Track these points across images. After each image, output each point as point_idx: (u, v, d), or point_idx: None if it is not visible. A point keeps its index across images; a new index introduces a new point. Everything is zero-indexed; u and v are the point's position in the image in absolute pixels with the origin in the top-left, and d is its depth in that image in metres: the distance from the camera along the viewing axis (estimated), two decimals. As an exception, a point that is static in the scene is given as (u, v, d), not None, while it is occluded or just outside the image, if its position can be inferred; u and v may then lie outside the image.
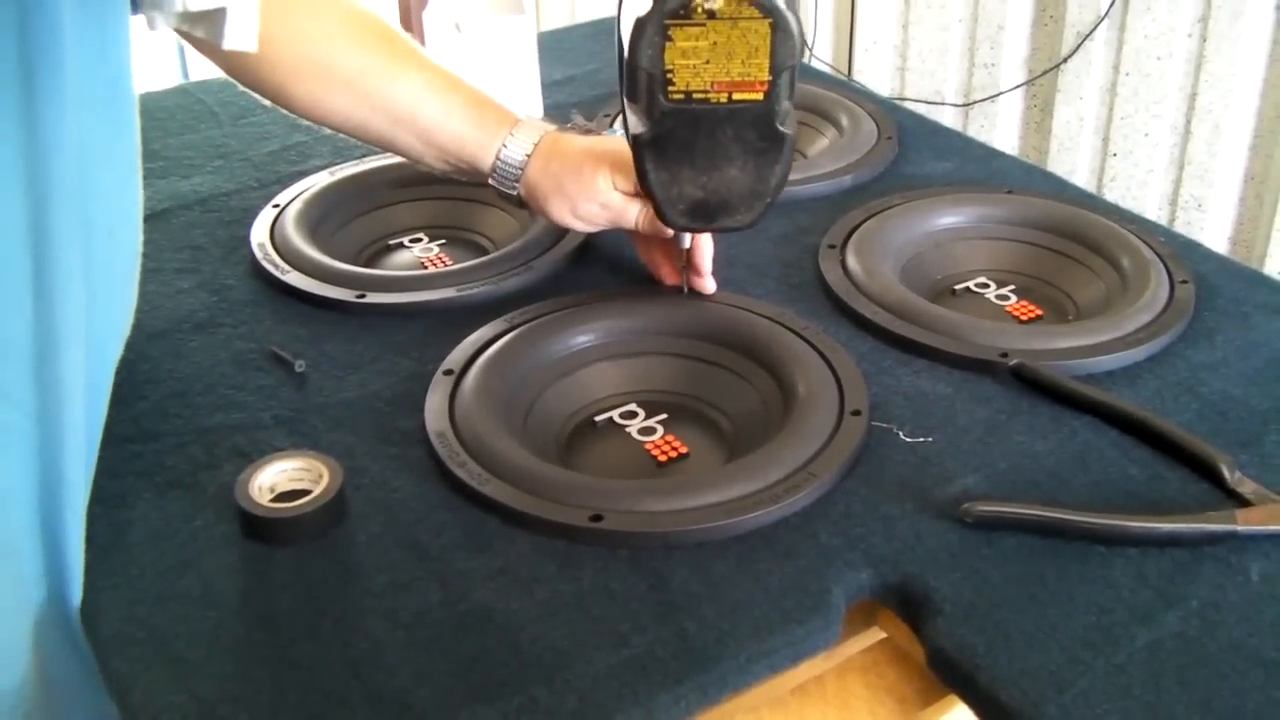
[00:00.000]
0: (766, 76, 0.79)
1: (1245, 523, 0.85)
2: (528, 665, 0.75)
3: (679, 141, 0.82)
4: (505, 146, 1.06)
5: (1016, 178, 1.35)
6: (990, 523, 0.85)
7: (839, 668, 0.85)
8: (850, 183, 1.33)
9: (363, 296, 1.10)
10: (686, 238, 1.05)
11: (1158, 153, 2.10)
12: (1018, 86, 2.23)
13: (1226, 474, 0.90)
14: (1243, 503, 0.88)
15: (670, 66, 0.77)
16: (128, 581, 0.82)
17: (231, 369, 1.03)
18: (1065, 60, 2.14)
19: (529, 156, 1.06)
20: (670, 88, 0.78)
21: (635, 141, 0.84)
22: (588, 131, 1.36)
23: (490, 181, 1.08)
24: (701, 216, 0.88)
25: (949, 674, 0.77)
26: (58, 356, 0.74)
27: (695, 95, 0.79)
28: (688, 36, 0.75)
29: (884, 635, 0.86)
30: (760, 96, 0.80)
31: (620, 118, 1.27)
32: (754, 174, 0.84)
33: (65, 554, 0.79)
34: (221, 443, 0.95)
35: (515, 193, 1.08)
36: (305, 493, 0.86)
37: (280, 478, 0.88)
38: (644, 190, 0.88)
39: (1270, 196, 2.00)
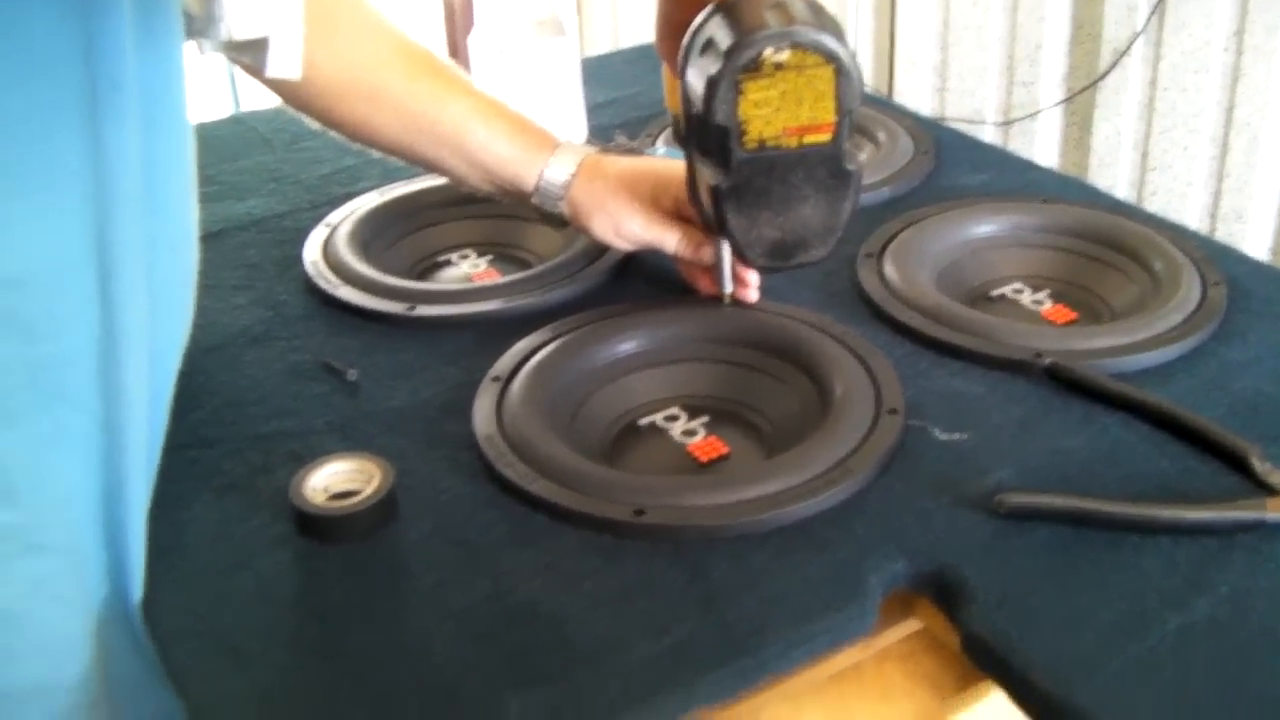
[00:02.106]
0: (833, 118, 0.82)
1: (1275, 510, 0.86)
2: (573, 654, 0.77)
3: (755, 188, 0.85)
4: (549, 166, 1.10)
5: (1051, 188, 1.37)
6: (1023, 513, 0.87)
7: (877, 656, 0.87)
8: (888, 194, 1.35)
9: (413, 309, 1.13)
10: (727, 262, 1.08)
11: (1196, 166, 2.11)
12: (1057, 104, 2.25)
13: (1256, 465, 0.91)
14: (1273, 493, 0.89)
15: (744, 118, 0.80)
16: (186, 579, 0.85)
17: (286, 379, 1.07)
18: (1103, 77, 2.16)
19: (573, 176, 1.09)
20: (745, 138, 0.81)
21: (714, 192, 0.87)
22: (629, 150, 1.39)
23: (533, 200, 1.11)
24: (779, 255, 0.90)
25: (983, 659, 0.79)
26: (121, 364, 0.77)
27: (768, 143, 0.82)
28: (759, 88, 0.78)
29: (920, 625, 0.88)
30: (828, 138, 0.83)
31: (660, 155, 1.30)
32: (826, 210, 0.87)
33: (126, 553, 0.82)
34: (277, 448, 0.98)
35: (559, 211, 1.11)
36: (357, 493, 0.89)
37: (333, 479, 0.91)
38: (724, 236, 0.91)
39: (1311, 209, 2.02)
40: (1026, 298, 1.20)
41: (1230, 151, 2.06)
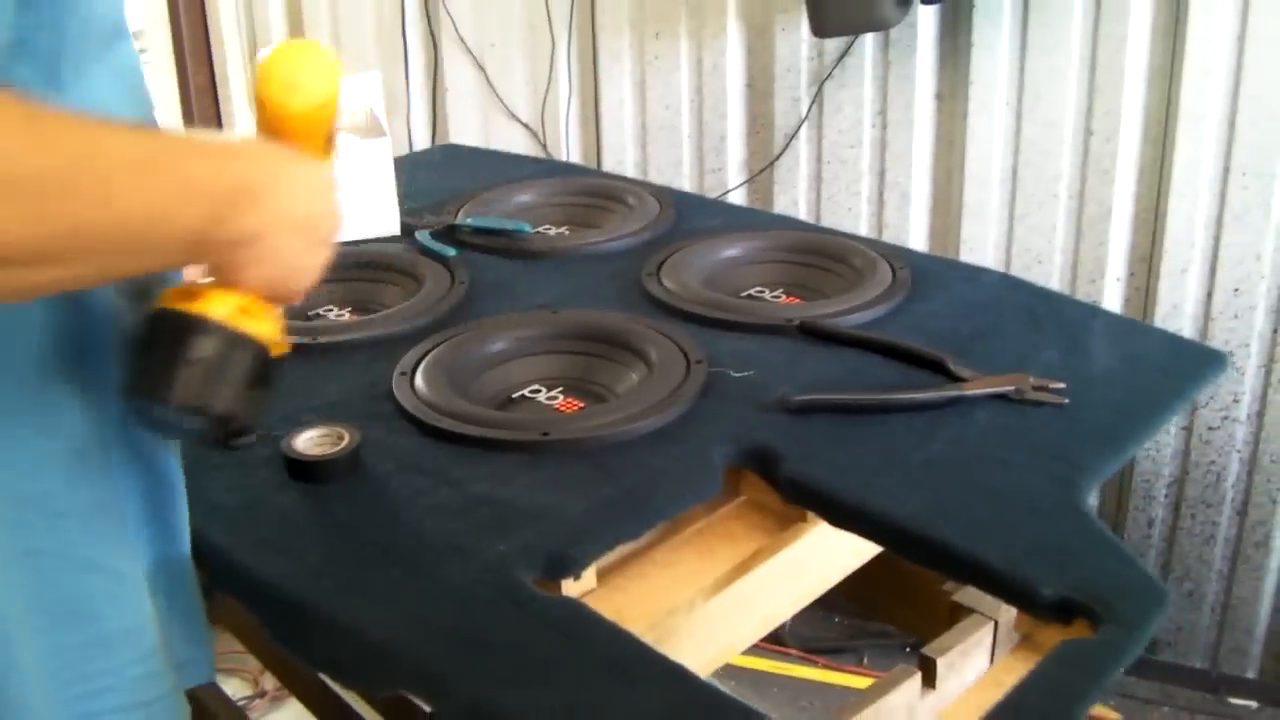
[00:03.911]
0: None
1: (969, 389, 1.28)
2: (531, 516, 1.11)
3: None
4: None
5: (768, 222, 1.80)
6: (805, 408, 1.26)
7: (722, 517, 1.24)
8: (649, 237, 1.75)
9: (316, 339, 1.44)
10: None
11: (859, 223, 2.59)
12: (740, 184, 2.71)
13: (951, 366, 1.33)
14: (965, 380, 1.31)
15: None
16: (223, 511, 1.13)
17: (229, 397, 1.35)
18: (777, 158, 2.64)
19: None
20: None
21: None
22: (442, 223, 1.74)
23: None
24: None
25: (801, 496, 1.17)
26: None
27: None
28: None
29: (745, 498, 1.26)
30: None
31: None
32: None
33: (170, 526, 1.02)
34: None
35: None
36: (332, 449, 1.19)
37: (309, 442, 1.21)
38: None
39: (953, 246, 2.53)
40: (768, 295, 1.60)
41: (886, 208, 2.56)
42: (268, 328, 0.92)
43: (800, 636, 2.81)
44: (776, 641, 2.79)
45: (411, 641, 0.98)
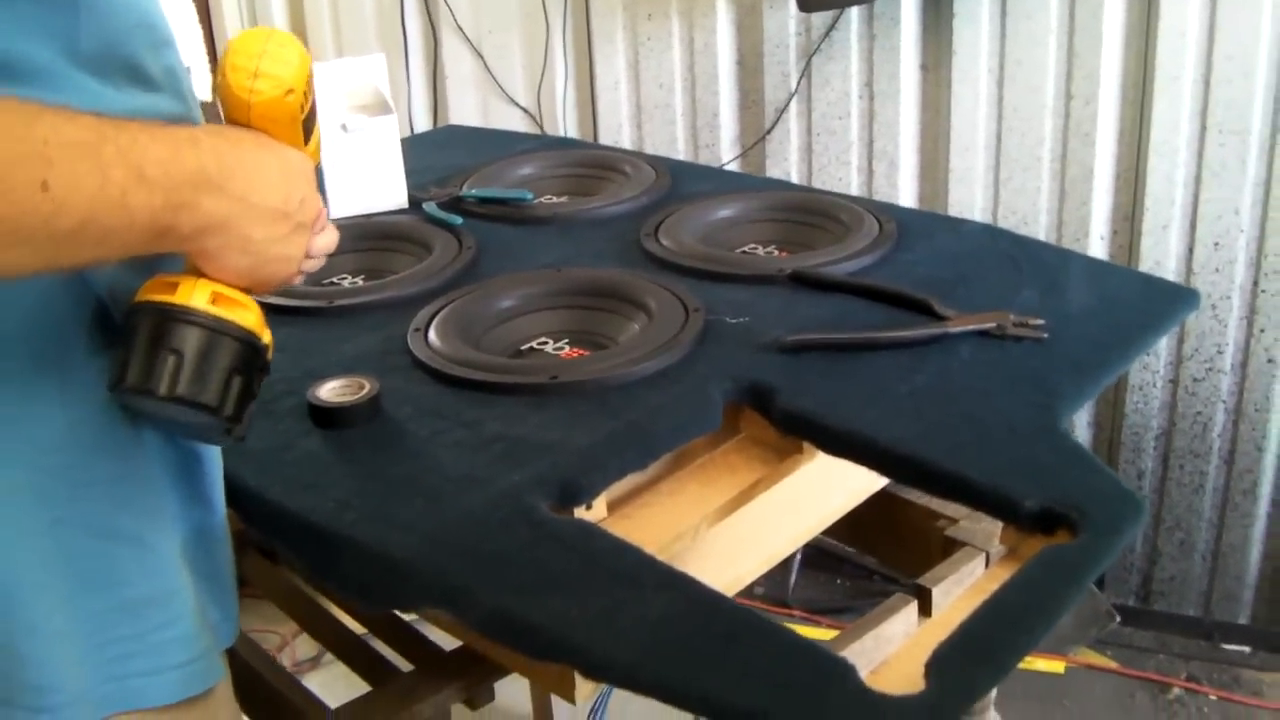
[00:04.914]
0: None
1: (953, 326, 1.36)
2: (542, 449, 1.18)
3: None
4: None
5: (760, 185, 1.87)
6: (798, 347, 1.34)
7: (723, 452, 1.32)
8: (646, 201, 1.82)
9: (333, 302, 1.52)
10: None
11: (850, 192, 2.65)
12: (734, 159, 2.79)
13: (936, 306, 1.41)
14: (947, 319, 1.38)
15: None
16: (254, 457, 1.21)
17: (253, 357, 1.43)
18: (768, 132, 2.72)
19: None
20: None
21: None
22: (448, 194, 1.82)
23: None
24: None
25: (795, 425, 1.25)
26: None
27: None
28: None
29: (745, 434, 1.33)
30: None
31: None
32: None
33: (202, 494, 1.04)
34: (272, 389, 1.34)
35: None
36: (353, 397, 1.27)
37: (332, 391, 1.28)
38: None
39: (941, 211, 2.60)
40: (761, 251, 1.68)
41: (875, 176, 2.64)
42: (250, 316, 0.93)
43: (805, 599, 2.88)
44: (781, 604, 2.87)
45: (434, 560, 1.06)
